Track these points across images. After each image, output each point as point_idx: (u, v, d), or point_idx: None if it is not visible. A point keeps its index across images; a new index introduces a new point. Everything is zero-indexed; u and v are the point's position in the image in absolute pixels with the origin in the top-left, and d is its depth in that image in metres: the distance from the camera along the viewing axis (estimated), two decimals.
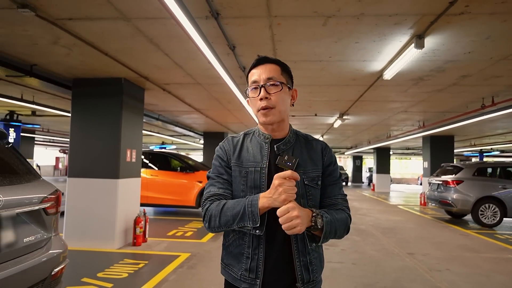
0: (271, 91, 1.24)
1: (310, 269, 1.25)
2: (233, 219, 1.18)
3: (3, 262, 1.94)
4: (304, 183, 1.27)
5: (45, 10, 3.18)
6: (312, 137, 1.43)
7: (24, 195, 2.14)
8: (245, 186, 1.27)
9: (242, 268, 1.24)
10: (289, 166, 1.20)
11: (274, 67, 1.28)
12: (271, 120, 1.26)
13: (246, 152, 1.33)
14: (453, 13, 2.98)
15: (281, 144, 1.31)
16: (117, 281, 4.01)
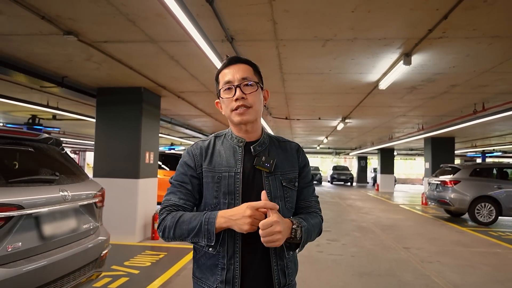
0: (247, 91, 1.21)
1: (286, 273, 1.24)
2: (188, 234, 1.14)
3: (71, 243, 2.50)
4: (282, 184, 1.25)
5: (85, 35, 3.74)
6: (285, 139, 1.40)
7: (82, 191, 2.70)
8: (218, 192, 1.22)
9: (218, 280, 1.18)
10: (267, 167, 1.21)
11: (247, 67, 1.25)
12: (247, 119, 1.22)
13: (218, 156, 1.27)
14: (433, 37, 3.49)
15: (257, 145, 1.27)
16: (142, 268, 4.57)
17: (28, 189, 2.22)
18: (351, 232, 7.44)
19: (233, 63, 1.25)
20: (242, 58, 1.27)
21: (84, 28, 3.56)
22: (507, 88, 5.48)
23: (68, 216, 2.53)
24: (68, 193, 2.50)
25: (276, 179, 1.24)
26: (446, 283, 4.27)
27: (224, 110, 1.27)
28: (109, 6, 3.03)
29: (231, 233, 1.18)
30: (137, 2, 2.94)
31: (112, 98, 6.28)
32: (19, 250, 2.07)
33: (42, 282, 2.15)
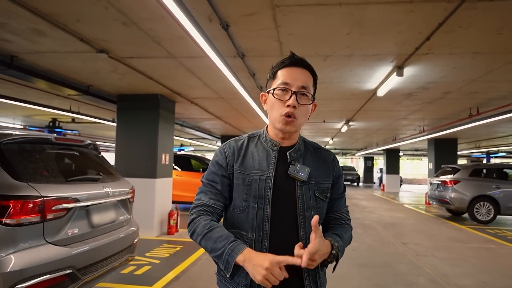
0: (301, 102, 1.17)
1: (318, 283, 1.23)
2: (211, 251, 1.14)
3: (111, 231, 3.02)
4: (315, 195, 1.22)
5: (115, 52, 4.28)
6: (320, 146, 1.36)
7: (119, 189, 3.22)
8: (248, 196, 1.19)
9: (243, 283, 1.16)
10: (302, 177, 1.18)
11: (309, 76, 1.21)
12: (290, 130, 1.19)
13: (251, 158, 1.24)
14: (420, 53, 3.95)
15: (292, 152, 1.24)
16: (162, 258, 5.10)
17: (81, 186, 2.75)
18: (353, 229, 7.73)
19: (297, 65, 1.20)
20: (307, 63, 1.22)
21: (115, 47, 4.10)
22: (498, 94, 5.89)
23: (109, 209, 3.06)
24: (109, 189, 3.03)
25: (309, 189, 1.21)
26: (436, 273, 4.71)
27: (269, 109, 1.23)
28: (139, 31, 3.56)
29: (259, 238, 1.17)
30: (163, 28, 3.46)
31: (132, 104, 6.83)
32: (76, 234, 2.60)
33: (93, 260, 2.68)
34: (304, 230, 1.19)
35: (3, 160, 2.36)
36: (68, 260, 2.45)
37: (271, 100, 1.22)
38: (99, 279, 2.81)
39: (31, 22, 3.37)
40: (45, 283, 2.30)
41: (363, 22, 3.16)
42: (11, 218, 2.20)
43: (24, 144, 2.60)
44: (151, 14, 3.14)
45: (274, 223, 1.18)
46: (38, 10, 3.13)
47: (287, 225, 1.19)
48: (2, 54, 4.37)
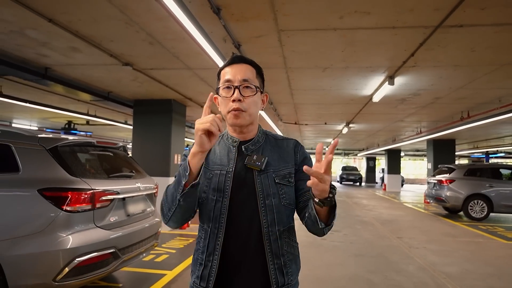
0: (245, 94, 1.20)
1: (284, 272, 1.21)
2: (175, 190, 1.12)
3: (141, 220, 3.58)
4: (275, 181, 1.24)
5: (138, 65, 4.84)
6: (283, 136, 1.39)
7: (147, 184, 3.78)
8: (208, 188, 1.23)
9: (195, 275, 1.22)
10: (258, 166, 1.22)
11: (250, 69, 1.24)
12: (240, 123, 1.22)
13: (213, 154, 1.29)
14: (408, 66, 4.48)
15: (250, 145, 1.28)
16: (177, 249, 5.66)
17: (119, 181, 3.31)
18: (353, 225, 8.40)
19: (236, 62, 1.24)
20: (246, 58, 1.26)
21: (139, 61, 4.66)
22: (484, 100, 6.40)
23: (139, 201, 3.62)
24: (140, 185, 3.58)
25: (268, 176, 1.23)
26: (425, 262, 5.23)
27: (220, 108, 1.26)
28: (162, 48, 4.12)
29: (214, 230, 1.19)
30: (183, 46, 4.01)
31: (147, 108, 7.40)
32: (116, 221, 3.16)
33: (129, 243, 3.23)
34: (266, 218, 1.20)
35: (60, 160, 2.92)
36: (111, 241, 3.00)
37: (219, 99, 1.25)
38: (133, 259, 3.37)
39: (70, 41, 3.94)
40: (95, 259, 2.85)
41: (355, 42, 3.70)
42: (70, 206, 2.76)
43: (74, 147, 3.16)
44: (174, 35, 3.70)
45: (234, 215, 1.20)
46: (79, 33, 3.70)
47: (248, 215, 1.20)
48: (38, 66, 4.94)
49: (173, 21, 3.05)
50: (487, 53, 3.93)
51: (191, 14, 2.87)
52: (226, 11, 3.07)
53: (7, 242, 2.65)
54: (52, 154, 2.92)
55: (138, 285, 3.92)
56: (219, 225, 1.19)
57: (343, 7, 2.92)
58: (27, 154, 2.91)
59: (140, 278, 4.18)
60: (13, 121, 12.57)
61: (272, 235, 1.19)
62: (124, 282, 4.03)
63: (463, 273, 4.76)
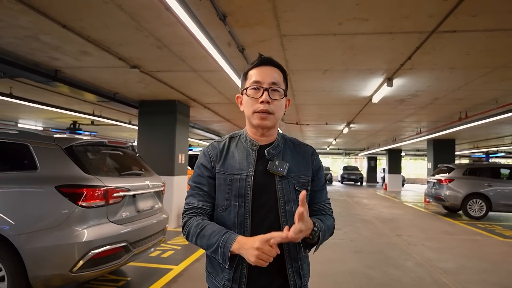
0: (274, 97, 1.21)
1: (301, 274, 1.26)
2: (207, 248, 1.17)
3: (150, 216, 3.75)
4: (295, 188, 1.25)
5: (145, 67, 5.02)
6: (299, 141, 1.40)
7: (155, 182, 3.95)
8: (229, 195, 1.23)
9: (225, 278, 1.22)
10: (280, 172, 1.21)
11: (279, 73, 1.25)
12: (267, 125, 1.22)
13: (231, 158, 1.28)
14: (405, 69, 4.65)
15: (271, 149, 1.27)
16: (182, 245, 5.84)
17: (130, 179, 3.49)
18: (353, 223, 8.57)
19: (266, 64, 1.25)
20: (275, 62, 1.27)
21: (146, 64, 4.84)
22: (481, 101, 6.56)
23: (148, 198, 3.79)
24: (149, 182, 3.76)
25: (289, 183, 1.24)
26: (422, 258, 5.40)
27: (245, 108, 1.26)
28: (169, 52, 4.29)
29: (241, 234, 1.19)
30: (189, 49, 4.19)
31: (152, 109, 7.58)
32: (127, 217, 3.33)
33: (140, 237, 3.41)
34: (286, 223, 1.22)
35: (75, 158, 3.10)
36: (123, 235, 3.18)
37: (245, 99, 1.25)
38: (142, 253, 3.55)
39: (81, 46, 4.11)
40: (108, 252, 3.03)
41: (354, 46, 3.87)
42: (85, 202, 2.93)
43: (87, 146, 3.34)
44: (181, 40, 3.87)
45: (256, 219, 1.21)
46: (91, 38, 3.87)
47: (269, 220, 1.22)
48: (49, 69, 5.12)
49: (181, 27, 3.23)
50: (481, 56, 4.10)
51: (198, 21, 3.04)
52: (231, 18, 3.25)
53: (27, 235, 2.83)
54: (67, 153, 3.10)
55: (146, 279, 4.10)
56: (244, 230, 1.21)
57: (342, 14, 3.09)
58: (44, 153, 3.09)
59: (147, 272, 4.36)
60: (19, 121, 12.77)
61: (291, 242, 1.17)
62: (132, 276, 4.21)
63: (459, 269, 4.92)
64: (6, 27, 3.59)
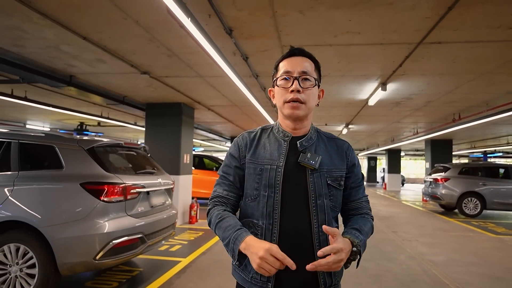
0: (304, 86, 1.18)
1: (332, 273, 1.21)
2: (222, 240, 1.18)
3: (162, 211, 4.10)
4: (327, 182, 1.21)
5: (155, 73, 5.37)
6: (334, 136, 1.37)
7: (166, 180, 4.30)
8: (259, 185, 1.21)
9: (254, 271, 1.17)
10: (312, 164, 1.18)
11: (309, 62, 1.23)
12: (298, 114, 1.19)
13: (262, 148, 1.26)
14: (398, 74, 4.99)
15: (303, 141, 1.24)
16: (189, 240, 6.18)
17: (144, 177, 3.83)
18: None
19: (296, 54, 1.23)
20: (306, 52, 1.24)
21: (156, 70, 5.19)
22: (472, 103, 6.90)
23: (160, 194, 4.14)
24: (161, 180, 4.11)
25: (321, 176, 1.21)
26: (415, 252, 5.74)
27: (276, 99, 1.25)
28: (178, 60, 4.64)
29: (269, 226, 1.18)
30: (197, 58, 4.53)
31: (158, 111, 7.93)
32: (142, 211, 3.68)
33: (153, 230, 3.76)
34: (317, 218, 1.18)
35: (97, 158, 3.44)
36: (139, 228, 3.53)
37: (276, 90, 1.25)
38: (155, 245, 3.89)
39: (97, 54, 4.46)
40: (126, 242, 3.38)
41: (349, 55, 4.21)
42: (106, 197, 3.28)
43: (106, 147, 3.69)
44: (190, 50, 4.22)
45: (285, 211, 1.18)
46: (107, 47, 4.22)
47: (299, 213, 1.18)
48: (64, 74, 5.47)
49: (190, 39, 3.57)
50: (467, 63, 4.43)
51: (207, 34, 3.38)
52: (237, 31, 3.59)
53: (55, 227, 3.18)
54: (89, 153, 3.45)
55: (157, 270, 4.45)
56: (273, 221, 1.18)
57: (336, 28, 3.43)
58: (69, 153, 3.44)
59: (158, 264, 4.71)
60: (27, 122, 13.14)
61: (321, 236, 1.18)
62: (144, 267, 4.56)
63: (448, 261, 5.25)
64: (31, 38, 3.94)
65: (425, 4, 2.86)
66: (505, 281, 4.38)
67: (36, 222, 3.15)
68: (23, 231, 3.19)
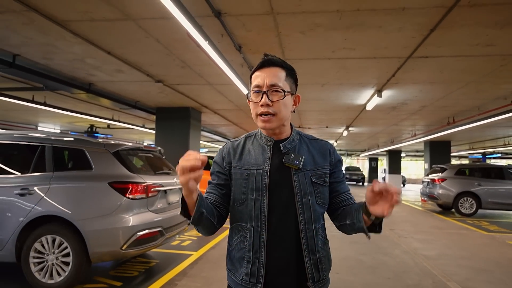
0: (273, 98, 1.21)
1: (320, 268, 1.24)
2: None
3: (177, 208, 4.53)
4: (311, 181, 1.26)
5: (167, 81, 5.82)
6: (316, 137, 1.41)
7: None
8: (246, 189, 1.26)
9: (243, 273, 1.23)
10: (296, 164, 1.24)
11: (279, 72, 1.24)
12: (270, 127, 1.24)
13: (247, 155, 1.31)
14: (392, 83, 5.42)
15: (286, 143, 1.29)
16: (198, 236, 6.63)
17: (162, 177, 4.28)
18: None
19: (266, 65, 1.24)
20: (276, 61, 1.25)
21: (169, 79, 5.64)
22: (464, 108, 7.33)
23: (176, 193, 4.59)
24: (176, 180, 4.56)
25: (305, 175, 1.25)
26: (409, 247, 6.16)
27: (252, 111, 1.29)
28: (191, 70, 5.09)
29: (257, 228, 1.22)
30: (208, 69, 4.98)
31: (168, 115, 8.40)
32: (161, 207, 4.13)
33: (170, 225, 4.20)
34: (303, 215, 1.24)
35: (121, 160, 3.89)
36: (159, 222, 3.97)
37: (250, 103, 1.28)
38: (171, 238, 4.33)
39: (118, 66, 4.92)
40: (148, 234, 3.82)
41: (346, 66, 4.65)
42: (131, 195, 3.73)
43: (129, 150, 4.14)
44: (202, 62, 4.67)
45: (273, 212, 1.23)
46: (127, 60, 4.68)
47: (286, 212, 1.24)
48: (84, 82, 5.94)
49: (203, 54, 4.02)
50: (454, 73, 4.86)
51: (219, 51, 3.83)
52: (245, 47, 4.04)
53: (87, 220, 3.62)
54: (115, 156, 3.90)
55: (172, 261, 4.89)
56: (261, 223, 1.22)
57: (333, 45, 3.87)
58: (97, 156, 3.89)
59: (172, 257, 5.16)
60: (39, 124, 13.65)
61: (308, 232, 1.23)
62: (160, 259, 5.00)
63: (440, 256, 5.67)
64: (60, 53, 4.40)
65: (410, 27, 3.29)
66: (489, 272, 4.80)
67: (70, 216, 3.60)
68: (58, 224, 3.64)
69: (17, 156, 4.13)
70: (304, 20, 3.24)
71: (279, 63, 1.25)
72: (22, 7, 3.09)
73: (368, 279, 4.44)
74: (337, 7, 2.99)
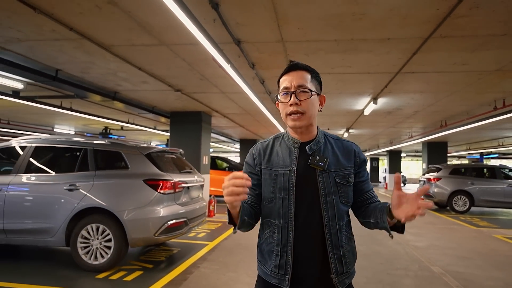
0: (301, 98, 1.29)
1: (343, 262, 1.31)
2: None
3: (198, 202, 5.24)
4: (335, 181, 1.32)
5: (186, 90, 6.53)
6: (341, 138, 1.47)
7: (200, 178, 5.44)
8: (274, 188, 1.34)
9: (272, 265, 1.32)
10: (321, 166, 1.30)
11: (304, 74, 1.34)
12: (300, 125, 1.30)
13: (276, 156, 1.38)
14: (385, 92, 6.10)
15: (312, 145, 1.35)
16: (211, 229, 7.33)
17: (186, 175, 4.98)
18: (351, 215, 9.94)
19: (292, 69, 1.35)
20: (301, 65, 1.36)
21: (187, 88, 6.34)
22: (454, 112, 7.99)
23: (196, 189, 5.29)
24: (197, 178, 5.26)
25: (329, 176, 1.32)
26: (402, 239, 6.83)
27: (281, 112, 1.37)
28: (208, 82, 5.79)
29: (285, 225, 1.31)
30: (223, 80, 5.67)
31: (181, 118, 9.10)
32: (185, 201, 4.83)
33: (193, 216, 4.90)
34: (327, 213, 1.30)
35: (153, 161, 4.59)
36: (184, 214, 4.67)
37: (279, 105, 1.37)
38: (193, 228, 5.03)
39: (144, 78, 5.62)
40: (176, 224, 4.52)
41: (344, 80, 5.34)
42: (162, 190, 4.43)
43: (158, 152, 4.84)
44: (219, 75, 5.37)
45: (299, 210, 1.30)
46: (153, 74, 5.38)
47: (311, 211, 1.30)
48: (110, 91, 6.65)
49: (220, 69, 4.71)
50: (440, 85, 5.53)
51: (236, 68, 4.52)
52: (258, 65, 4.73)
53: (126, 211, 4.32)
54: (147, 157, 4.61)
55: (191, 250, 5.59)
56: (288, 220, 1.31)
57: (332, 64, 4.56)
58: (132, 157, 4.59)
59: (190, 246, 5.86)
60: (55, 126, 14.38)
61: (332, 229, 1.30)
62: (181, 248, 5.70)
63: (429, 246, 6.34)
64: (96, 68, 5.11)
65: (395, 51, 3.98)
66: (470, 260, 5.47)
67: (112, 208, 4.30)
68: (101, 215, 4.35)
69: (63, 158, 4.84)
70: (308, 46, 3.94)
71: (304, 67, 1.37)
72: (78, 36, 3.79)
73: (363, 264, 5.14)
74: (335, 37, 3.68)
